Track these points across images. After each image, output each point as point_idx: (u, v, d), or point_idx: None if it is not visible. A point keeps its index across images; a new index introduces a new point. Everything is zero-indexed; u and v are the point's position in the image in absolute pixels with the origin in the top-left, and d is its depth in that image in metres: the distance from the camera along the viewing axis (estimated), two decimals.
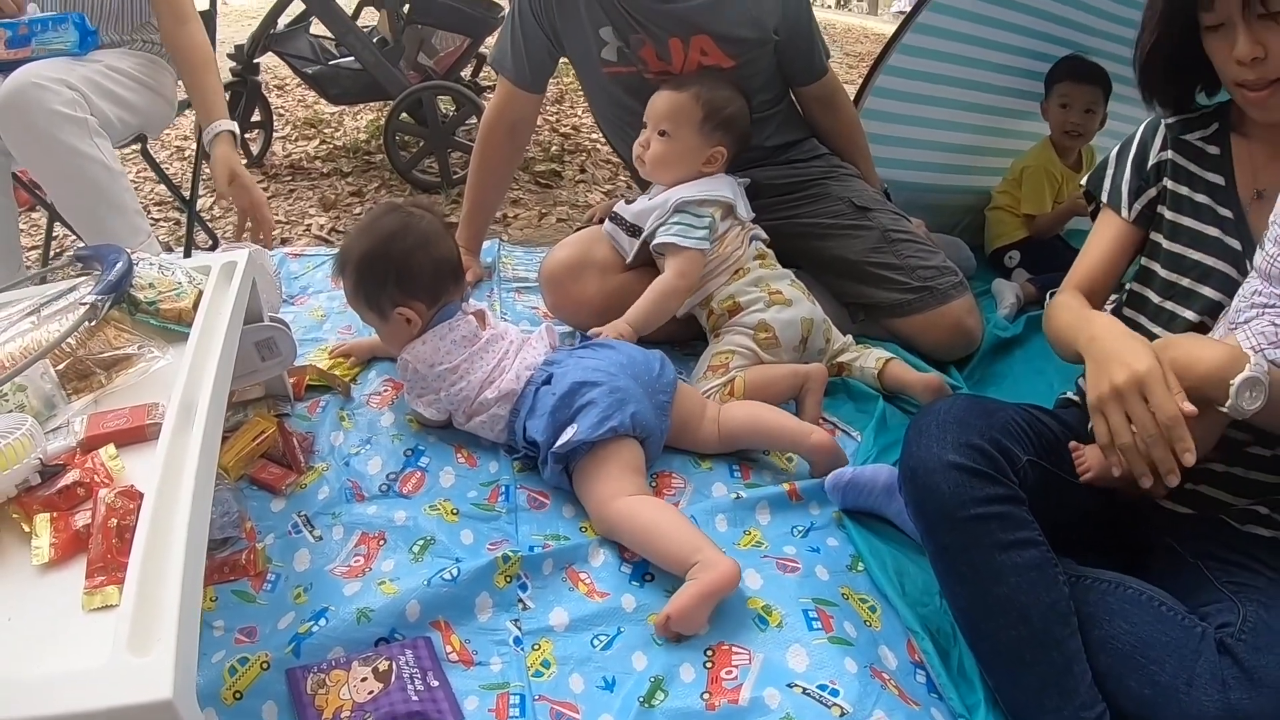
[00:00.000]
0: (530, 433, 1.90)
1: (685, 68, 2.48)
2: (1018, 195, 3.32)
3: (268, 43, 4.46)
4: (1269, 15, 1.38)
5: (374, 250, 1.98)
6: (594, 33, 2.50)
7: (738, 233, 2.36)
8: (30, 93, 2.30)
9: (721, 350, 2.26)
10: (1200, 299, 1.56)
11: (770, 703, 1.41)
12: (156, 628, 0.95)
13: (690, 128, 2.32)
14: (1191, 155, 1.63)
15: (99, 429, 1.29)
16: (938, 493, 1.40)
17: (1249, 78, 1.44)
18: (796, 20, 2.55)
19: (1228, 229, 1.56)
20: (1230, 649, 1.30)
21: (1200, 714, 1.27)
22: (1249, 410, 1.28)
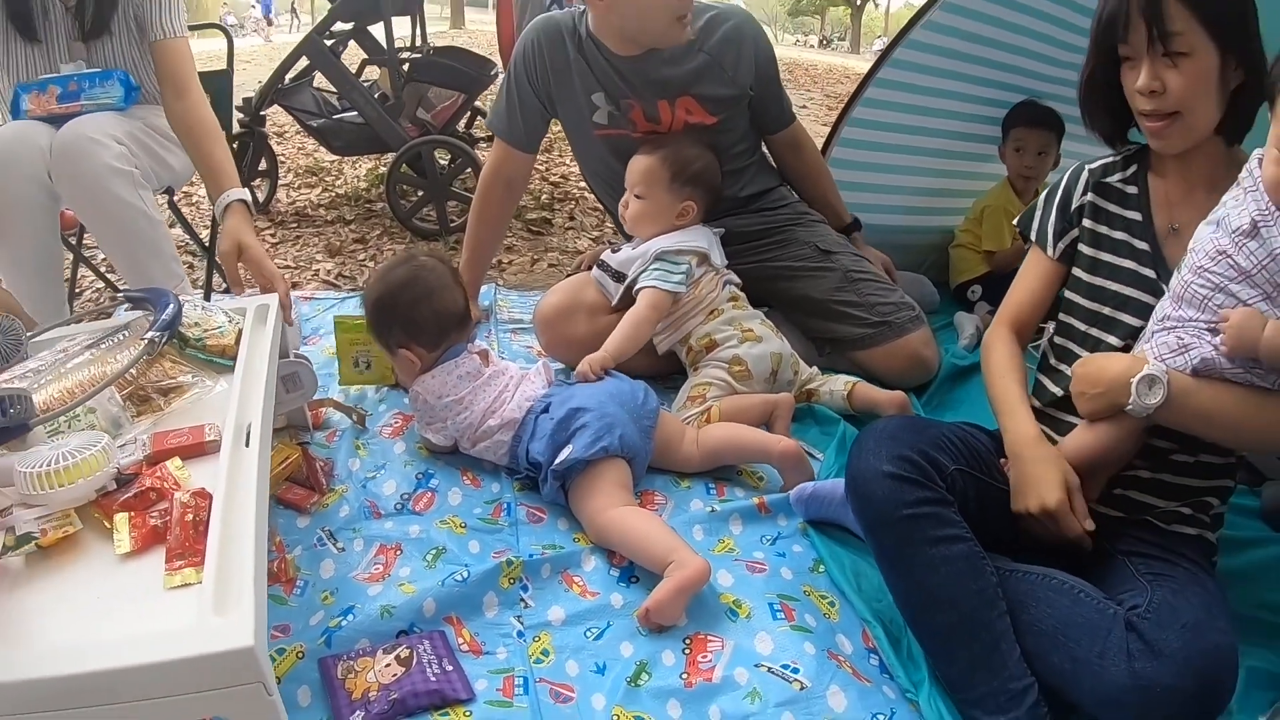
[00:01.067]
0: (533, 454, 2.12)
1: (672, 126, 2.72)
2: (979, 233, 3.49)
3: (275, 96, 4.68)
4: (1168, 54, 1.57)
5: (383, 299, 2.23)
6: (586, 98, 2.74)
7: (712, 277, 2.59)
8: (84, 146, 2.52)
9: (699, 383, 2.49)
10: (1122, 325, 1.74)
11: (740, 680, 1.63)
12: (235, 595, 1.15)
13: (660, 187, 2.57)
14: (1111, 196, 1.82)
15: (163, 445, 1.49)
16: (874, 498, 1.63)
17: (1149, 109, 1.64)
18: (767, 76, 2.82)
19: (1144, 261, 1.74)
20: (1136, 626, 1.49)
21: (1111, 681, 1.45)
22: (1150, 404, 1.51)
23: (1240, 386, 1.51)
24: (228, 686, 1.08)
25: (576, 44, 2.72)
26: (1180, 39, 1.56)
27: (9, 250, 2.68)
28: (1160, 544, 1.69)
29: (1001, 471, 1.78)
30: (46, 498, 1.32)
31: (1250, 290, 1.49)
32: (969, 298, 3.46)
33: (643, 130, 2.74)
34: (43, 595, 1.22)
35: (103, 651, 1.07)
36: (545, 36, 2.76)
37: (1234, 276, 1.50)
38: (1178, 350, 1.54)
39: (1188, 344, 1.53)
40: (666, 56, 2.67)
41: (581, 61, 2.72)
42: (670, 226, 2.60)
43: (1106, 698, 1.46)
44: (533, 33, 2.79)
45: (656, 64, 2.67)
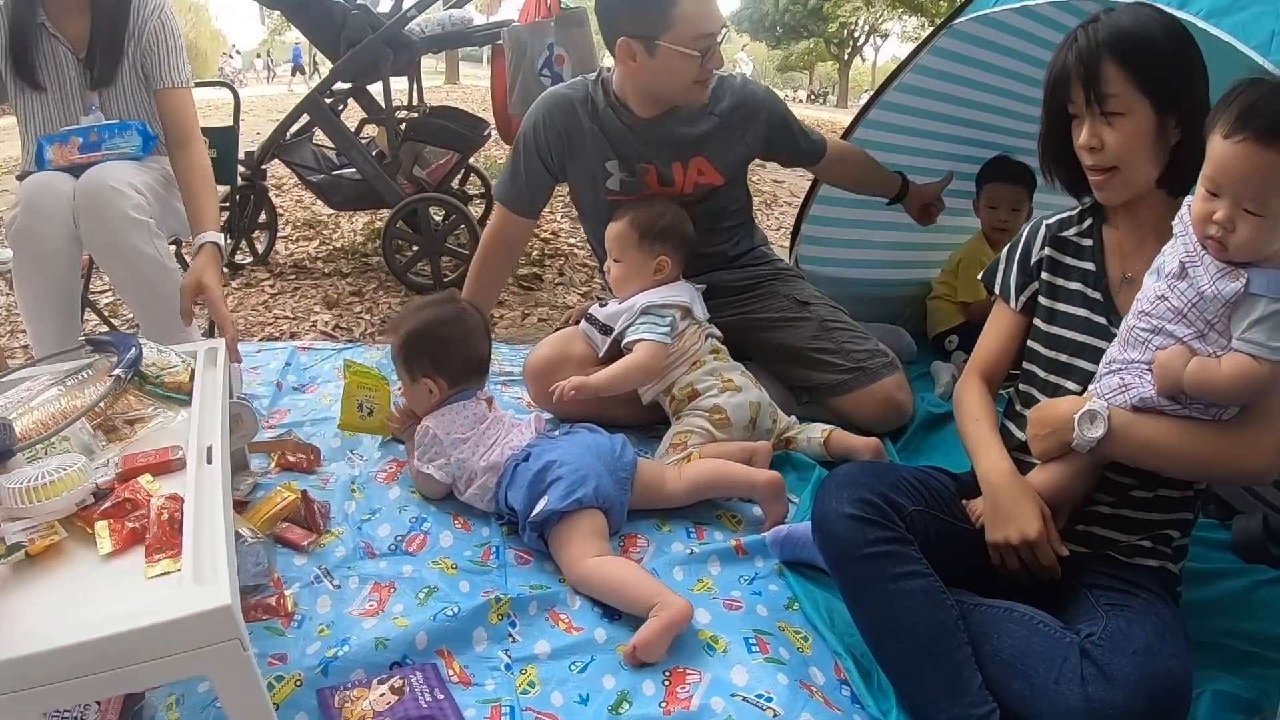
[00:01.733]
0: (510, 501, 2.22)
1: (684, 188, 2.86)
2: (955, 285, 3.58)
3: (276, 151, 4.79)
4: (1105, 114, 1.70)
5: (425, 328, 2.37)
6: (600, 165, 2.86)
7: (694, 330, 2.71)
8: (107, 195, 2.63)
9: (681, 430, 2.59)
10: (1078, 371, 1.84)
11: (716, 708, 1.71)
12: (211, 569, 1.31)
13: (631, 248, 2.70)
14: (1068, 250, 1.91)
15: (135, 464, 1.62)
16: (838, 538, 1.73)
17: (1090, 163, 1.76)
18: (781, 131, 2.96)
19: (1096, 309, 1.84)
20: (1089, 653, 1.58)
21: (1066, 705, 1.54)
22: (1091, 437, 1.63)
23: (1178, 419, 1.62)
24: (208, 645, 1.22)
25: (590, 113, 2.84)
26: (1116, 100, 1.68)
27: (35, 294, 2.77)
28: (1122, 576, 1.77)
29: (963, 511, 1.88)
30: (31, 510, 1.44)
31: (1185, 329, 1.60)
32: (946, 347, 3.53)
33: (656, 193, 2.85)
34: (33, 595, 1.33)
35: (92, 626, 1.19)
36: (558, 109, 2.86)
37: (1170, 317, 1.61)
38: (1119, 390, 1.66)
39: (1128, 383, 1.65)
40: (682, 118, 2.80)
41: (596, 130, 2.83)
42: (650, 282, 2.72)
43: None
44: (542, 107, 2.89)
45: (672, 125, 2.80)
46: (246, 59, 50.80)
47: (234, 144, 3.81)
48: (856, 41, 44.27)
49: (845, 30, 42.23)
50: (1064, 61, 1.74)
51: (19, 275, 2.77)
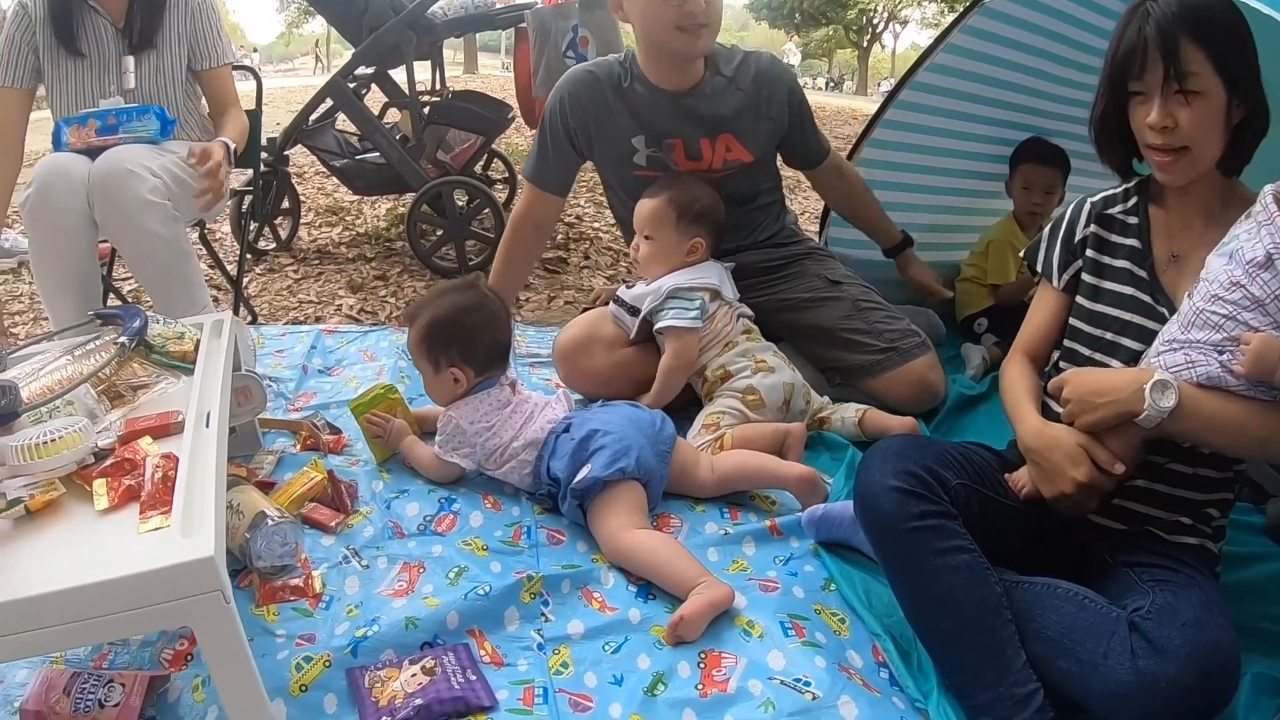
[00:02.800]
0: (553, 471, 2.19)
1: (713, 164, 2.83)
2: (984, 267, 3.54)
3: (299, 137, 4.78)
4: (1182, 92, 1.63)
5: (449, 317, 2.31)
6: (626, 141, 2.84)
7: (725, 312, 2.67)
8: (122, 178, 2.64)
9: (713, 411, 2.55)
10: (1123, 350, 1.80)
11: (753, 691, 1.68)
12: (198, 524, 1.35)
13: (667, 228, 2.65)
14: (1113, 227, 1.88)
15: (135, 427, 1.66)
16: (881, 511, 1.69)
17: (1159, 143, 1.69)
18: (801, 112, 2.93)
19: (1142, 287, 1.80)
20: (1139, 626, 1.54)
21: (1116, 680, 1.50)
22: (1164, 407, 1.56)
23: (1242, 398, 1.57)
24: (191, 595, 1.26)
25: (615, 89, 2.82)
26: (1195, 79, 1.61)
27: (51, 274, 2.78)
28: (1162, 553, 1.74)
29: (1005, 486, 1.84)
30: (32, 468, 1.49)
31: (1262, 318, 1.54)
32: (975, 330, 3.50)
33: (684, 169, 2.83)
34: (31, 548, 1.37)
35: (81, 574, 1.24)
36: (583, 85, 2.85)
37: (1247, 305, 1.55)
38: (1185, 365, 1.60)
39: (1195, 360, 1.59)
40: (706, 94, 2.78)
41: (621, 106, 2.81)
42: (680, 265, 2.68)
43: (1113, 696, 1.51)
44: (569, 84, 2.88)
45: (696, 101, 2.78)
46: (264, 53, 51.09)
47: (256, 128, 3.79)
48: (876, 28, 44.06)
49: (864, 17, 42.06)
50: (1137, 37, 1.66)
51: (34, 255, 2.79)
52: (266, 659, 1.73)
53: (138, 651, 1.80)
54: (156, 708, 1.64)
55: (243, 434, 2.44)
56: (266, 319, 3.97)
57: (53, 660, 1.76)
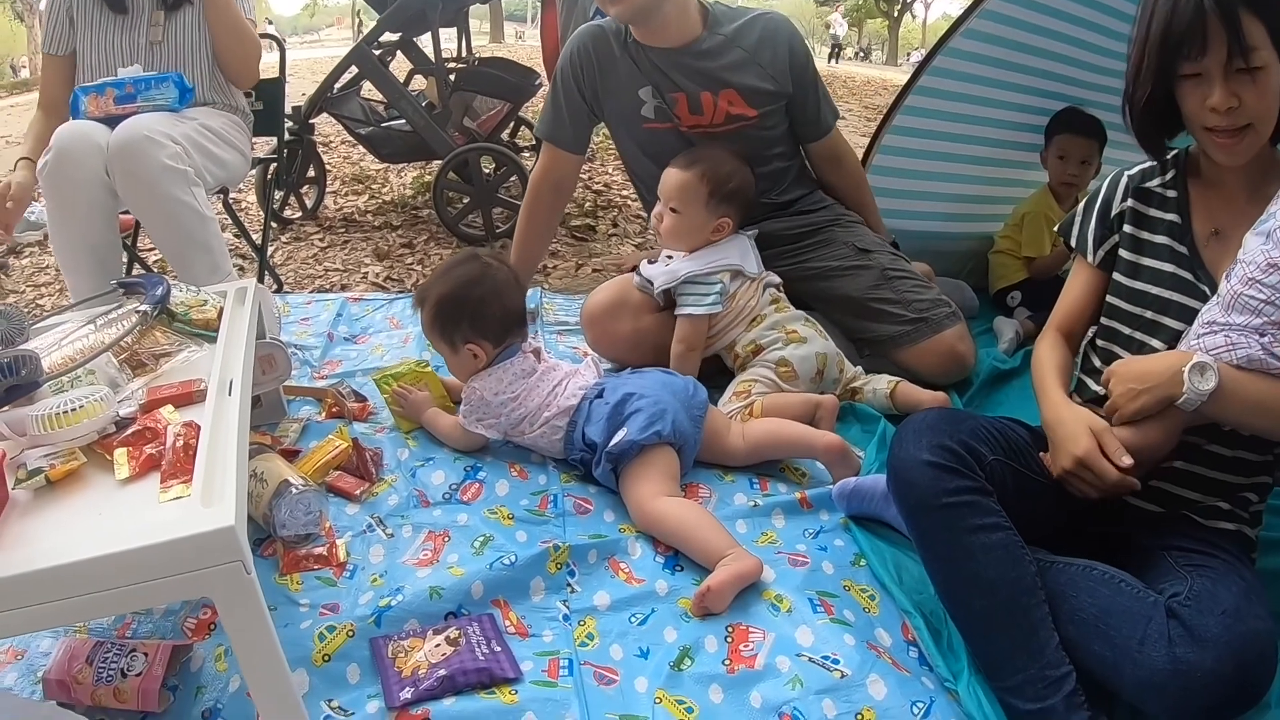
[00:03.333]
0: (588, 437, 2.16)
1: (715, 118, 2.78)
2: (1018, 239, 3.49)
3: (324, 105, 4.76)
4: (1246, 69, 1.55)
5: (453, 293, 2.27)
6: (634, 94, 2.81)
7: (750, 286, 2.63)
8: (142, 145, 2.61)
9: (745, 379, 2.53)
10: (1165, 330, 1.74)
11: (781, 667, 1.65)
12: (219, 493, 1.31)
13: (697, 204, 2.59)
14: (1152, 201, 1.82)
15: (157, 395, 1.63)
16: (915, 486, 1.65)
17: (1221, 124, 1.61)
18: (804, 77, 2.86)
19: (1183, 264, 1.74)
20: (1177, 613, 1.50)
21: (1151, 667, 1.46)
22: (1204, 390, 1.51)
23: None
24: (211, 566, 1.22)
25: (622, 44, 2.81)
26: (1256, 54, 1.54)
27: (69, 241, 2.77)
28: (1199, 537, 1.70)
29: (1040, 465, 1.79)
30: (53, 437, 1.47)
31: None
32: (1008, 304, 3.46)
33: (688, 124, 2.80)
34: (52, 517, 1.35)
35: (100, 544, 1.20)
36: (591, 41, 2.84)
37: None
38: (1226, 348, 1.54)
39: (1235, 343, 1.54)
40: (703, 51, 2.75)
41: (627, 59, 2.80)
42: (704, 241, 2.63)
43: (1147, 684, 1.47)
44: (578, 39, 2.87)
45: (693, 57, 2.75)
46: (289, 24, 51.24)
47: (280, 96, 3.78)
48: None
49: None
50: (1193, 16, 1.57)
51: (52, 222, 2.79)
52: (289, 628, 1.72)
53: (160, 620, 1.80)
54: (179, 677, 1.64)
55: (267, 402, 2.43)
56: (292, 287, 3.97)
57: (76, 630, 1.76)
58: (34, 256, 4.55)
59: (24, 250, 4.65)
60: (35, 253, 4.58)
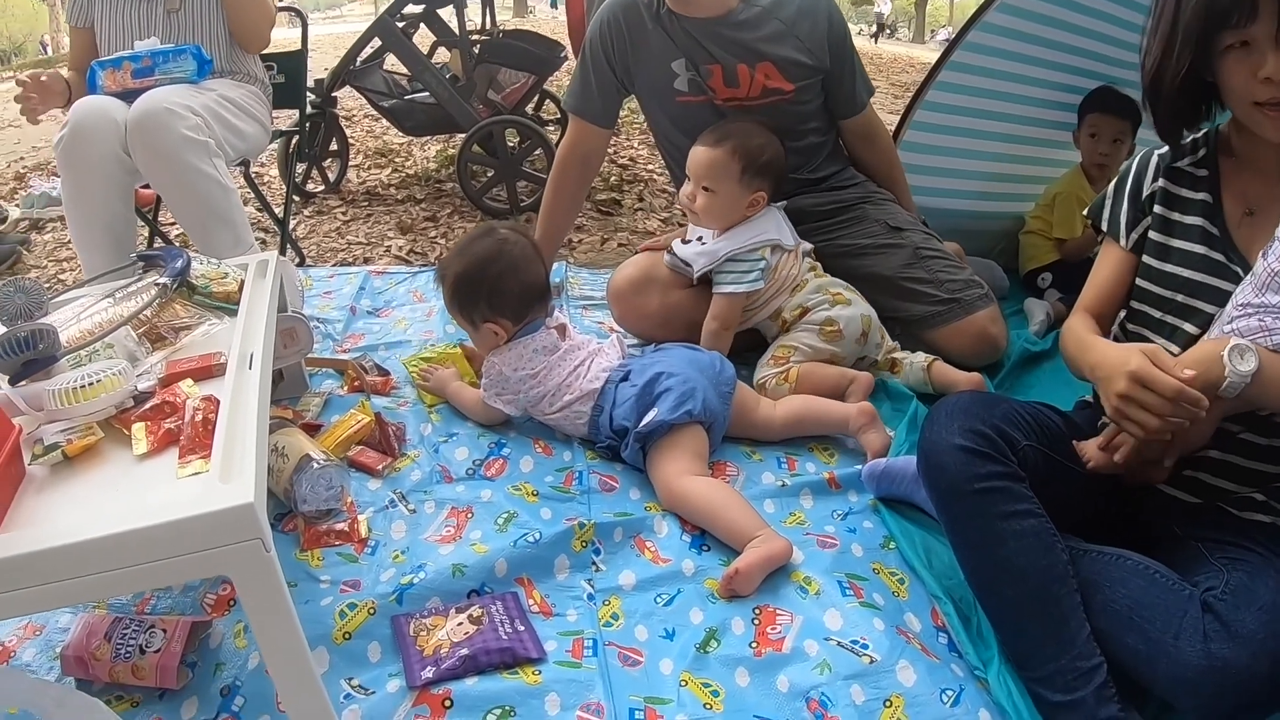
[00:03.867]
0: (617, 421, 2.14)
1: (751, 91, 2.72)
2: (1050, 220, 3.43)
3: (346, 78, 4.73)
4: None
5: (469, 271, 2.23)
6: (666, 67, 2.75)
7: (789, 256, 2.58)
8: (161, 117, 2.59)
9: (786, 344, 2.50)
10: (1198, 314, 1.68)
11: (809, 651, 1.63)
12: (238, 469, 1.28)
13: (730, 180, 2.52)
14: (1183, 181, 1.75)
15: (176, 369, 1.61)
16: (946, 470, 1.61)
17: (1275, 96, 1.51)
18: (841, 52, 2.80)
19: (1215, 245, 1.67)
20: (1213, 607, 1.45)
21: (1185, 662, 1.42)
22: (1245, 371, 1.43)
23: None
24: (230, 544, 1.19)
25: (654, 15, 2.74)
26: None
27: (84, 217, 2.76)
28: (1233, 529, 1.65)
29: (1073, 452, 1.74)
30: (70, 411, 1.45)
31: None
32: (1039, 285, 3.41)
33: (723, 97, 2.74)
34: (68, 493, 1.34)
35: (116, 521, 1.17)
36: (622, 11, 2.78)
37: None
38: (1261, 332, 1.48)
39: (1270, 327, 1.48)
40: (739, 22, 2.69)
41: (660, 31, 2.73)
42: (740, 218, 2.58)
43: (1180, 680, 1.43)
44: (608, 10, 2.82)
45: (729, 28, 2.69)
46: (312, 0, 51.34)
47: (302, 68, 3.75)
48: None
49: None
50: None
51: (67, 198, 2.77)
52: (310, 605, 1.71)
53: (180, 597, 1.79)
54: (198, 653, 1.62)
55: (289, 376, 2.42)
56: (314, 261, 3.95)
57: (94, 606, 1.75)
58: (55, 232, 4.55)
59: (45, 225, 4.66)
60: (56, 228, 4.58)
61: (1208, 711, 1.42)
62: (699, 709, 1.54)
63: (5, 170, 6.13)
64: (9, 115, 9.55)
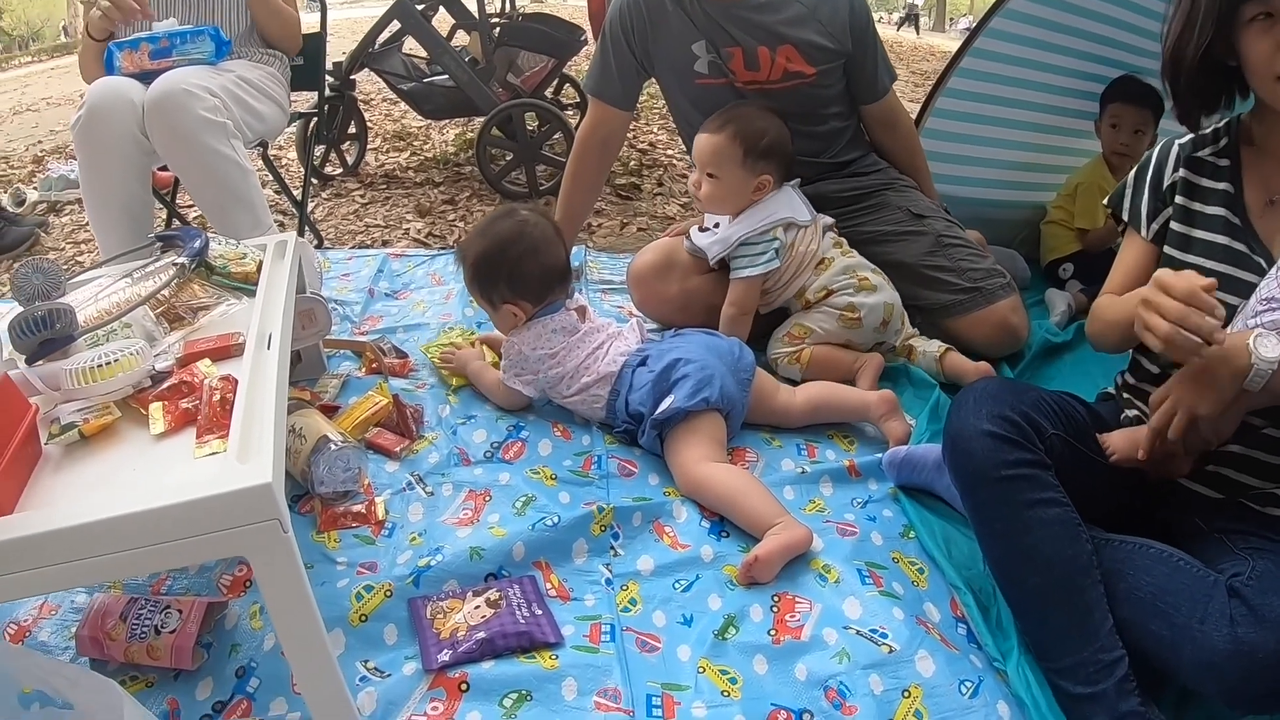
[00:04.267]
0: (633, 406, 2.12)
1: (772, 74, 2.70)
2: (1071, 210, 3.40)
3: (365, 61, 4.72)
4: None
5: (489, 253, 2.21)
6: (686, 49, 2.73)
7: (806, 232, 2.55)
8: (179, 98, 2.58)
9: (803, 324, 2.49)
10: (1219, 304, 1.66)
11: (828, 640, 1.61)
12: (256, 448, 1.27)
13: (733, 165, 2.50)
14: (1204, 171, 1.71)
15: (194, 349, 1.60)
16: (973, 456, 1.59)
17: None
18: (863, 36, 2.77)
19: (1237, 235, 1.64)
20: (1239, 592, 1.43)
21: (1212, 647, 1.40)
22: (1271, 358, 1.39)
23: None
24: (247, 524, 1.18)
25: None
26: None
27: (99, 199, 2.76)
28: (1256, 522, 1.63)
29: (1098, 444, 1.72)
30: (87, 391, 1.44)
31: None
32: (1060, 275, 3.38)
33: (743, 80, 2.72)
34: (85, 473, 1.33)
35: (133, 501, 1.16)
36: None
37: None
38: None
39: None
40: (761, 4, 2.66)
41: (680, 13, 2.71)
42: (747, 202, 2.56)
43: (1207, 664, 1.41)
44: None
45: (750, 10, 2.66)
46: None
47: (321, 51, 3.75)
48: None
49: None
50: None
51: (84, 179, 2.77)
52: (326, 587, 1.70)
53: (196, 577, 1.78)
54: (213, 634, 1.62)
55: (307, 358, 2.41)
56: (333, 243, 3.95)
57: (110, 586, 1.75)
58: (73, 215, 4.56)
59: (63, 208, 4.67)
60: (74, 211, 4.59)
61: (1234, 696, 1.40)
62: (716, 696, 1.52)
63: (23, 154, 6.16)
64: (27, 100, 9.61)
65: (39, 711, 1.21)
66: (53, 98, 9.57)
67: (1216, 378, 1.45)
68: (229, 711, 1.51)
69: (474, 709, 1.48)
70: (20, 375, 1.48)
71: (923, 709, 1.51)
